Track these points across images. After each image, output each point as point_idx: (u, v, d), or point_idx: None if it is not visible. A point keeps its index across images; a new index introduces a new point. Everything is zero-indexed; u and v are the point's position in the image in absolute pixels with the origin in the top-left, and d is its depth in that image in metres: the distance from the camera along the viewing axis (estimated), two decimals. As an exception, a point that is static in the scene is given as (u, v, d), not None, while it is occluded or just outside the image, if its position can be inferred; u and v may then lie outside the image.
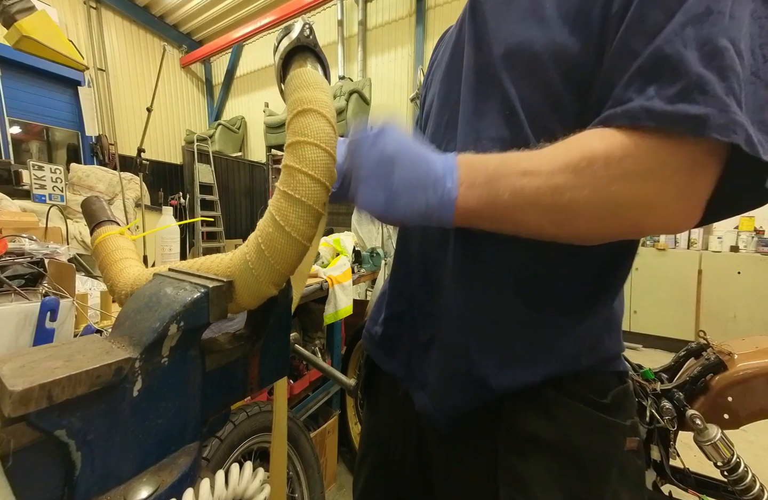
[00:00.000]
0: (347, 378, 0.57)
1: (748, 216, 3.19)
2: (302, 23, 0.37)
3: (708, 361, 0.95)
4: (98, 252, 0.47)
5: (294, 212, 0.32)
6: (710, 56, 0.30)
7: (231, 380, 0.39)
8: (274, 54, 0.39)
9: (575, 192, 0.32)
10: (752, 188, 0.33)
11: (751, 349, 0.95)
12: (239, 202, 5.68)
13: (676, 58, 0.30)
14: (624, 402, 0.46)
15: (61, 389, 0.23)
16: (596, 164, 0.32)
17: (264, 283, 0.33)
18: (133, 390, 0.28)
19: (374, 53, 5.16)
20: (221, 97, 6.93)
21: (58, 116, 5.04)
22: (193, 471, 0.31)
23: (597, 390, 0.45)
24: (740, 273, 2.99)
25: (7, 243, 0.72)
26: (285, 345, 0.46)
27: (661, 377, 1.04)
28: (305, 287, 1.30)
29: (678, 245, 3.38)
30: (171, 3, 5.72)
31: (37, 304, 0.58)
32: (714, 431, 0.83)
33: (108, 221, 0.51)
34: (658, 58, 0.31)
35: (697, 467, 0.93)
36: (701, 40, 0.30)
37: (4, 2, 0.92)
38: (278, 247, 0.32)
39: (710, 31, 0.30)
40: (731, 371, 0.91)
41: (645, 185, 0.31)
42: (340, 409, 1.67)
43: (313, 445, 1.08)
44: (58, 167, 2.22)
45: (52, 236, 1.13)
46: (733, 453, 0.83)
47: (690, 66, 0.30)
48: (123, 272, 0.44)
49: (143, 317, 0.30)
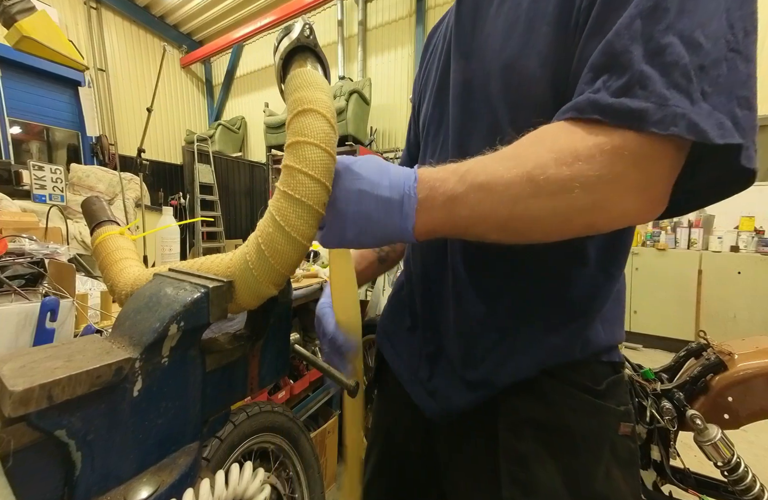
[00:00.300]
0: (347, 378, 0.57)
1: (748, 216, 3.19)
2: (302, 23, 0.37)
3: (708, 361, 0.95)
4: (98, 252, 0.47)
5: (294, 212, 0.32)
6: (653, 53, 0.30)
7: (231, 380, 0.39)
8: (274, 54, 0.39)
9: (530, 201, 0.33)
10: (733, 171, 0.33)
11: (752, 349, 0.95)
12: (239, 202, 5.69)
13: (622, 53, 0.31)
14: (618, 389, 0.48)
15: (61, 389, 0.23)
16: (549, 170, 0.32)
17: (264, 283, 0.33)
18: (134, 390, 0.28)
19: (374, 53, 5.17)
20: (221, 97, 6.94)
21: (58, 116, 5.04)
22: (193, 471, 0.31)
23: (591, 378, 0.47)
24: (740, 273, 2.99)
25: (8, 243, 0.72)
26: (285, 345, 0.46)
27: (661, 377, 1.04)
28: (306, 287, 1.30)
29: (678, 245, 3.38)
30: (171, 3, 5.72)
31: (37, 304, 0.58)
32: (714, 431, 0.83)
33: (108, 221, 0.51)
34: (608, 54, 0.32)
35: (697, 467, 0.93)
36: (646, 36, 0.31)
37: (4, 3, 0.93)
38: (278, 247, 0.32)
39: (656, 28, 0.31)
40: (731, 371, 0.91)
41: (598, 186, 0.31)
42: (340, 409, 1.67)
43: (313, 445, 1.08)
44: (58, 167, 2.23)
45: (53, 236, 1.13)
46: (733, 453, 0.83)
47: (634, 62, 0.31)
48: (123, 273, 0.44)
49: (143, 318, 0.30)
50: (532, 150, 0.34)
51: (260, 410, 0.91)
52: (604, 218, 0.34)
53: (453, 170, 0.35)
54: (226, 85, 6.84)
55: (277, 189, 0.34)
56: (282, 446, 0.99)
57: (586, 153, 0.31)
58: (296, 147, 0.33)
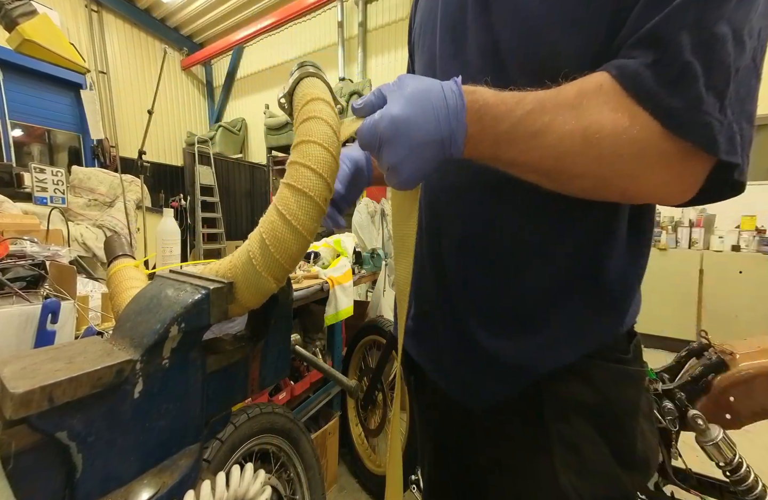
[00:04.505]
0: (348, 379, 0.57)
1: (749, 215, 3.18)
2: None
3: (710, 361, 0.95)
4: (110, 281, 0.50)
5: (296, 202, 0.33)
6: (704, 43, 0.30)
7: (232, 381, 0.39)
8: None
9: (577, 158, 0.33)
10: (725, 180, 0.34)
11: (753, 349, 0.95)
12: (240, 203, 5.69)
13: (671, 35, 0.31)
14: (638, 350, 0.50)
15: (62, 391, 0.23)
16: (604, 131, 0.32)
17: (265, 276, 0.33)
18: (134, 392, 0.28)
19: (374, 55, 5.17)
20: (222, 99, 6.94)
21: (59, 119, 5.05)
22: (194, 473, 0.31)
23: (622, 349, 0.48)
24: (742, 273, 2.98)
25: (9, 246, 0.72)
26: (286, 347, 0.46)
27: (662, 377, 1.04)
28: (306, 288, 1.30)
29: (679, 244, 3.37)
30: (172, 6, 5.73)
31: (38, 306, 0.58)
32: (716, 431, 0.83)
33: (124, 255, 0.55)
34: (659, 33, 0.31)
35: (699, 467, 0.93)
36: (701, 23, 0.30)
37: (6, 6, 0.93)
38: (280, 236, 0.33)
39: (712, 15, 0.29)
40: (733, 371, 0.91)
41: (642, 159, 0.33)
42: (341, 410, 1.67)
43: (313, 447, 1.08)
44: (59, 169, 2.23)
45: (54, 239, 1.14)
46: (735, 453, 0.82)
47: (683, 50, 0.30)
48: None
49: (144, 319, 0.30)
50: (593, 103, 0.33)
51: (261, 411, 0.91)
52: (637, 189, 0.35)
53: (510, 108, 0.34)
54: (227, 87, 6.85)
55: (281, 184, 0.35)
56: (283, 447, 0.99)
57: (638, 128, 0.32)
58: (301, 146, 0.35)
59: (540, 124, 0.33)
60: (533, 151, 0.34)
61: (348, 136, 0.39)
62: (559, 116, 0.33)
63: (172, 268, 0.38)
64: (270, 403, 0.99)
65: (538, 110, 0.34)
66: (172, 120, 6.50)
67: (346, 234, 2.14)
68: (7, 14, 0.93)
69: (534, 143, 0.34)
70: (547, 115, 0.33)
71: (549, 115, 0.33)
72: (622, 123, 0.32)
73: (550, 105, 0.34)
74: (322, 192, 0.34)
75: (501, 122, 0.34)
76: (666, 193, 0.35)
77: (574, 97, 0.34)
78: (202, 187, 4.84)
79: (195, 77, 6.95)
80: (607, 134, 0.32)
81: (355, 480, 1.60)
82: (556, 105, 0.34)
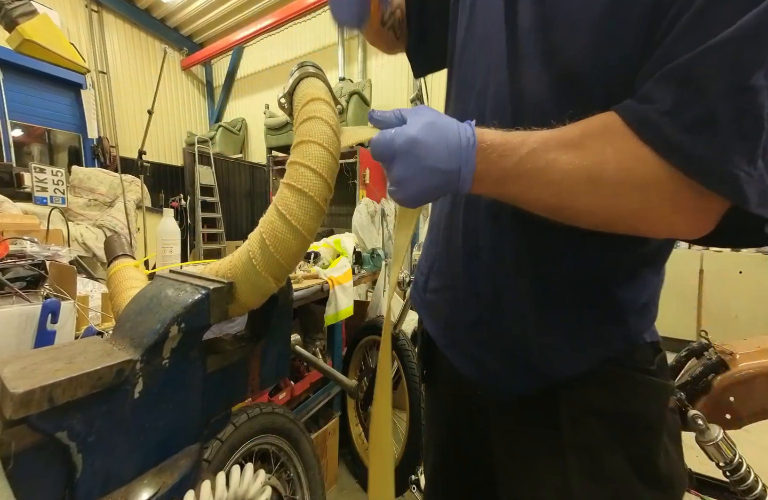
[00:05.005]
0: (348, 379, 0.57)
1: (749, 216, 3.18)
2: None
3: (710, 361, 0.95)
4: (110, 282, 0.50)
5: (296, 202, 0.33)
6: (737, 91, 0.28)
7: (232, 381, 0.39)
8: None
9: (581, 197, 0.34)
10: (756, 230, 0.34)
11: (754, 349, 0.95)
12: (240, 203, 5.69)
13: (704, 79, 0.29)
14: (665, 366, 0.50)
15: (62, 391, 0.23)
16: (608, 172, 0.32)
17: (265, 276, 0.33)
18: (134, 392, 0.28)
19: (374, 55, 5.17)
20: (222, 99, 6.94)
21: (59, 119, 5.05)
22: (194, 473, 0.31)
23: (646, 360, 0.48)
24: (742, 273, 2.98)
25: (9, 246, 0.72)
26: (286, 347, 0.46)
27: (662, 377, 1.04)
28: (306, 288, 1.31)
29: (679, 244, 3.36)
30: (172, 6, 5.73)
31: (38, 306, 0.58)
32: (716, 431, 0.83)
33: (124, 255, 0.55)
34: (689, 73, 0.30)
35: (699, 468, 0.93)
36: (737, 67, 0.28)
37: (6, 6, 0.93)
38: (280, 236, 0.33)
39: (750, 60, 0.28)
40: (733, 371, 0.91)
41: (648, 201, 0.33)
42: (341, 411, 1.67)
43: (313, 446, 1.08)
44: (59, 169, 2.23)
45: (54, 239, 1.14)
46: (735, 453, 0.82)
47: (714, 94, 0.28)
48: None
49: (144, 319, 0.30)
50: (598, 144, 0.34)
51: (261, 411, 0.91)
52: (647, 227, 0.36)
53: (516, 146, 0.35)
54: (227, 87, 6.85)
55: (281, 184, 0.35)
56: (283, 447, 0.99)
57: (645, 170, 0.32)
58: (301, 146, 0.35)
59: (543, 162, 0.34)
60: (537, 188, 0.35)
61: (360, 141, 0.40)
62: (563, 155, 0.34)
63: (172, 268, 0.38)
64: (270, 403, 0.99)
65: (542, 149, 0.34)
66: (172, 120, 6.50)
67: (346, 234, 2.14)
68: (7, 14, 0.93)
69: (538, 180, 0.34)
70: (551, 154, 0.34)
71: (553, 153, 0.34)
72: (628, 165, 0.32)
73: (554, 143, 0.34)
74: (322, 192, 0.34)
75: (506, 159, 0.35)
76: (679, 232, 0.36)
77: (579, 136, 0.34)
78: (202, 187, 4.84)
79: (195, 77, 6.95)
80: (612, 175, 0.33)
81: (355, 480, 1.60)
82: (559, 144, 0.34)
